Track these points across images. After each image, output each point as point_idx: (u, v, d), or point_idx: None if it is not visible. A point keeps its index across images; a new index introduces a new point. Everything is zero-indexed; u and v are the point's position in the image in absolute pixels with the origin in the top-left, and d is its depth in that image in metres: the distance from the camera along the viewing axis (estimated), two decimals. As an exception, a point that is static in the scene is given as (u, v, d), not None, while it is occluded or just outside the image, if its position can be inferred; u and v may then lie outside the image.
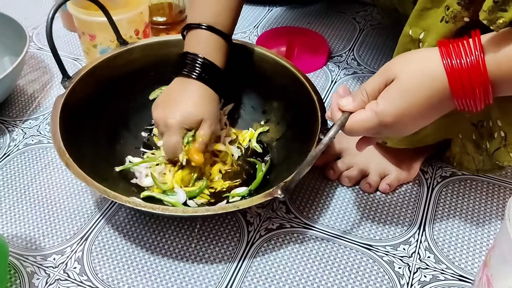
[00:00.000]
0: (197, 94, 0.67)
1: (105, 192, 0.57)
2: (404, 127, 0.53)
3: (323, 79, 0.92)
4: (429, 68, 0.50)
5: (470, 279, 0.62)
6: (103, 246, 0.64)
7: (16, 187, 0.72)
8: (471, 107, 0.50)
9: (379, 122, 0.52)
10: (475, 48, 0.47)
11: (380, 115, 0.51)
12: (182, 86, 0.68)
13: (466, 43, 0.48)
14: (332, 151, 0.75)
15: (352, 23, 1.07)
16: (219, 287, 0.61)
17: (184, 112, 0.66)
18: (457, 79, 0.48)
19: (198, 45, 0.68)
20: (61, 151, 0.61)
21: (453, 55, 0.48)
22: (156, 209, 0.56)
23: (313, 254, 0.64)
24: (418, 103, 0.50)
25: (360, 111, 0.53)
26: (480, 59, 0.47)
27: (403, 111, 0.51)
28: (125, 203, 0.57)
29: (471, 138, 0.66)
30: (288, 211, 0.69)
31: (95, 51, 0.86)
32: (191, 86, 0.67)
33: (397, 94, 0.51)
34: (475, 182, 0.74)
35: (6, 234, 0.66)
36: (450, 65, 0.48)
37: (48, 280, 0.61)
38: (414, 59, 0.52)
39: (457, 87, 0.48)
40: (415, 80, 0.50)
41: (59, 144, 0.61)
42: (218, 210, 0.58)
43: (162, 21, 0.99)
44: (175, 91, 0.68)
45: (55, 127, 0.63)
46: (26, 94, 0.88)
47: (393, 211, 0.70)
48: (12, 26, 0.86)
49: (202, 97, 0.67)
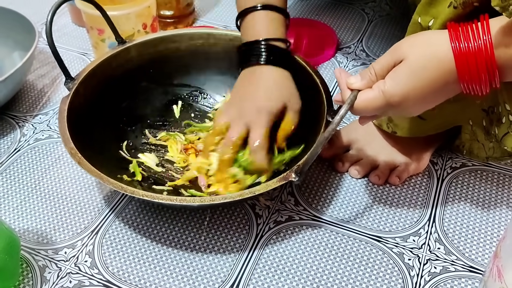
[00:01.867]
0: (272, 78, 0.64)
1: (122, 188, 0.57)
2: (410, 108, 0.54)
3: (331, 71, 0.91)
4: (437, 50, 0.50)
5: (481, 270, 0.61)
6: (113, 240, 0.65)
7: (27, 181, 0.72)
8: (477, 90, 0.50)
9: (386, 102, 0.53)
10: (483, 32, 0.48)
11: (387, 95, 0.52)
12: (253, 76, 0.65)
13: (475, 26, 0.48)
14: (340, 143, 0.75)
15: (360, 14, 1.06)
16: (229, 279, 0.61)
17: (268, 98, 0.63)
18: (464, 63, 0.48)
19: (258, 28, 0.66)
20: (73, 151, 0.61)
21: (462, 38, 0.49)
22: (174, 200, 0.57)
23: (322, 246, 0.64)
24: (425, 85, 0.51)
25: (368, 90, 0.54)
26: (488, 43, 0.47)
27: (410, 92, 0.51)
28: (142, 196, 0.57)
29: (481, 124, 0.65)
30: (297, 203, 0.69)
31: (104, 45, 0.86)
32: (263, 72, 0.64)
33: (404, 75, 0.51)
34: (486, 172, 0.73)
35: (18, 228, 0.66)
36: (458, 48, 0.49)
37: (59, 273, 0.61)
38: (423, 41, 0.52)
39: (464, 71, 0.49)
40: (423, 61, 0.51)
41: (70, 145, 0.61)
42: (236, 197, 0.57)
43: (169, 15, 0.99)
44: (244, 82, 0.66)
45: (64, 128, 0.63)
46: (35, 89, 0.89)
47: (403, 202, 0.69)
48: (21, 22, 0.86)
49: (279, 79, 0.65)
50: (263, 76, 0.65)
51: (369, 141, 0.74)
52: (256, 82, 0.65)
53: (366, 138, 0.74)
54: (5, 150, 0.77)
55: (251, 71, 0.66)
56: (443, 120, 0.68)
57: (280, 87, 0.65)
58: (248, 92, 0.65)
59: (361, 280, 0.61)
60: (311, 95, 0.69)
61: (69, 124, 0.64)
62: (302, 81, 0.71)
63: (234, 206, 0.69)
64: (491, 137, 0.65)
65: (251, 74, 0.66)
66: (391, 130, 0.71)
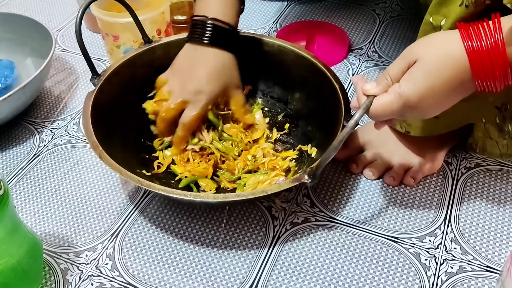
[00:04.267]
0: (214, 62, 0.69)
1: (139, 181, 0.59)
2: (427, 109, 0.54)
3: (344, 72, 0.92)
4: (450, 50, 0.51)
5: (498, 269, 0.62)
6: (133, 242, 0.66)
7: (47, 186, 0.74)
8: (491, 88, 0.51)
9: (403, 104, 0.53)
10: (495, 31, 0.48)
11: (404, 96, 0.52)
12: (196, 54, 0.69)
13: (486, 25, 0.49)
14: (355, 144, 0.76)
15: (371, 15, 1.07)
16: (247, 281, 0.62)
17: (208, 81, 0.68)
18: (478, 61, 0.49)
19: (208, 6, 0.69)
20: (94, 145, 0.62)
21: (473, 37, 0.49)
22: (187, 195, 0.58)
23: (339, 247, 0.65)
24: (440, 84, 0.51)
25: (384, 94, 0.54)
26: (499, 41, 0.48)
27: (427, 92, 0.52)
28: (158, 190, 0.58)
29: (495, 121, 0.66)
30: (312, 204, 0.70)
31: (119, 51, 0.87)
32: (206, 53, 0.69)
33: (419, 76, 0.52)
34: (501, 172, 0.74)
35: (39, 232, 0.68)
36: (471, 47, 0.49)
37: (81, 276, 0.63)
38: (436, 42, 0.52)
39: (478, 69, 0.49)
40: (437, 61, 0.51)
41: (92, 138, 0.63)
42: (248, 195, 0.59)
43: (182, 20, 1.00)
44: (189, 58, 0.70)
45: (87, 122, 0.65)
46: (53, 95, 0.90)
47: (418, 203, 0.70)
48: (37, 29, 0.88)
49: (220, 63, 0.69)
50: (206, 57, 0.69)
51: (383, 142, 0.74)
52: (198, 62, 0.69)
53: (380, 139, 0.75)
54: (25, 156, 0.79)
55: (195, 48, 0.70)
56: (456, 118, 0.68)
57: (221, 72, 0.70)
58: (190, 69, 0.70)
59: (378, 280, 0.61)
60: (329, 100, 0.70)
61: (92, 119, 0.66)
62: (320, 86, 0.72)
63: (249, 205, 0.70)
64: (504, 134, 0.65)
65: (194, 51, 0.70)
66: (404, 130, 0.72)
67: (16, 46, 0.92)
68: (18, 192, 0.73)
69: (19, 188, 0.74)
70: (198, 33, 0.69)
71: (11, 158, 0.79)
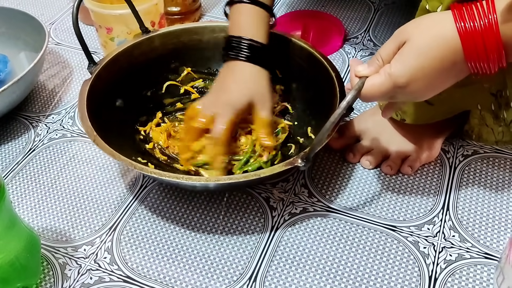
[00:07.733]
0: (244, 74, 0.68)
1: (132, 164, 0.59)
2: (419, 90, 0.53)
3: (340, 62, 0.92)
4: (442, 30, 0.50)
5: (496, 256, 0.62)
6: (131, 236, 0.66)
7: (43, 181, 0.73)
8: (485, 69, 0.50)
9: (393, 84, 0.52)
10: (488, 11, 0.48)
11: (394, 77, 0.52)
12: (230, 70, 0.69)
13: (480, 6, 0.48)
14: (351, 133, 0.75)
15: (366, 4, 1.06)
16: (247, 271, 0.62)
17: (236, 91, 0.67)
18: (471, 42, 0.49)
19: (243, 24, 0.69)
20: (89, 130, 0.62)
21: (466, 17, 0.49)
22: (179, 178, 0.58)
23: (337, 237, 0.65)
24: (431, 65, 0.51)
25: (375, 75, 0.54)
26: (493, 22, 0.47)
27: (417, 72, 0.51)
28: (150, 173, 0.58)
29: (490, 108, 0.65)
30: (310, 195, 0.70)
31: (113, 43, 0.86)
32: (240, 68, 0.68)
33: (409, 55, 0.51)
34: (498, 159, 0.74)
35: (37, 227, 0.67)
36: (464, 28, 0.49)
37: (80, 270, 0.62)
38: (427, 22, 0.52)
39: (471, 50, 0.49)
40: (428, 41, 0.50)
41: (87, 123, 0.63)
42: (240, 178, 0.59)
43: (176, 11, 0.99)
44: (224, 77, 0.69)
45: (83, 108, 0.65)
46: (47, 89, 0.89)
47: (416, 191, 0.70)
48: (30, 23, 0.87)
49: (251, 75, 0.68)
50: (239, 71, 0.68)
51: (380, 131, 0.74)
52: (232, 76, 0.69)
53: (376, 128, 0.74)
54: (20, 151, 0.78)
55: (230, 65, 0.69)
56: (451, 105, 0.68)
57: (250, 82, 0.68)
58: (223, 85, 0.69)
59: (377, 269, 0.61)
60: (326, 88, 0.69)
61: (88, 106, 0.66)
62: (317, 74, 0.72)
63: (247, 196, 0.69)
64: (500, 121, 0.65)
65: (229, 68, 0.69)
66: (400, 118, 0.72)
67: (9, 40, 0.91)
68: (14, 187, 0.73)
69: (15, 183, 0.73)
70: (235, 51, 0.69)
71: (7, 153, 0.78)
